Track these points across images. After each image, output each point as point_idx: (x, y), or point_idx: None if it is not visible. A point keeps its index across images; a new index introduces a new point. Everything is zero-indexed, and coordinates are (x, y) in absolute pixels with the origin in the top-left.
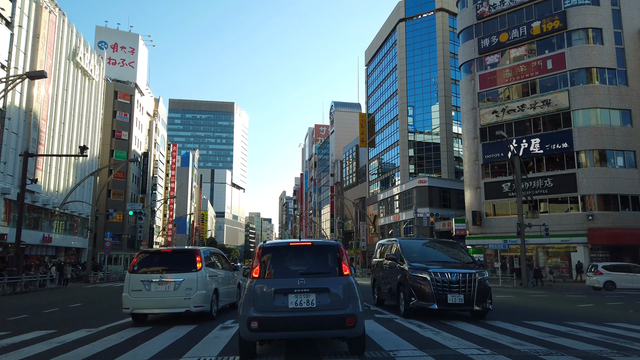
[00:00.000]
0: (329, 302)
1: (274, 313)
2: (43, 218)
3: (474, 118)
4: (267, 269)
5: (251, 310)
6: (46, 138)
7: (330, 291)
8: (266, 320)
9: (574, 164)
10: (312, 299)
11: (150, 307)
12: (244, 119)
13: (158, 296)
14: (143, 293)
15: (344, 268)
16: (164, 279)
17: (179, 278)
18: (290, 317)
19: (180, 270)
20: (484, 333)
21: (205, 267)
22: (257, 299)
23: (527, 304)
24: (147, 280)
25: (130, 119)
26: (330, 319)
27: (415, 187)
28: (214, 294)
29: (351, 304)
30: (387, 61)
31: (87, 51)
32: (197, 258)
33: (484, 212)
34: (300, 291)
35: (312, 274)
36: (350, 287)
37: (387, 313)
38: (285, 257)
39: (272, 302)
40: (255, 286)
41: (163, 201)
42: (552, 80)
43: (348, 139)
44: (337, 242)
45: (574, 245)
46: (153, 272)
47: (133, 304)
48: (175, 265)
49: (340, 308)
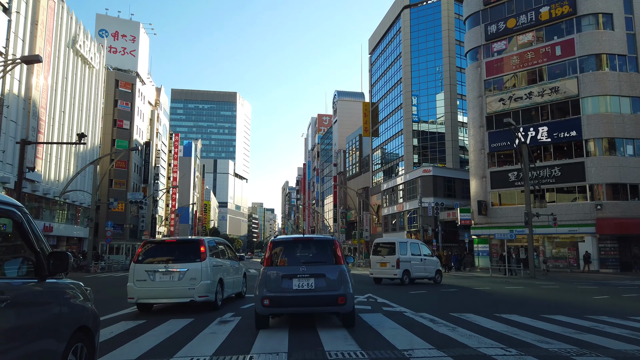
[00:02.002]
0: (325, 285)
1: (281, 293)
2: (44, 207)
3: (480, 106)
4: (276, 258)
5: (264, 291)
6: (46, 126)
7: (326, 276)
8: (275, 299)
9: (583, 152)
10: (311, 282)
11: (154, 297)
12: (247, 109)
13: (163, 286)
14: (148, 283)
15: (337, 258)
16: (168, 269)
17: (183, 268)
18: (294, 296)
19: (185, 260)
20: (502, 328)
21: (210, 257)
22: (268, 282)
23: (540, 295)
24: (151, 270)
25: (132, 108)
26: (325, 298)
27: (420, 176)
28: (219, 283)
29: (343, 286)
30: (391, 49)
31: (87, 39)
32: (201, 248)
33: (490, 201)
34: (302, 276)
35: (311, 263)
36: (342, 274)
37: (396, 306)
38: (291, 249)
39: (280, 285)
40: (267, 272)
41: (165, 191)
42: (561, 67)
43: (351, 129)
44: (332, 237)
45: (581, 235)
46: (158, 262)
47: (138, 294)
48: (179, 255)
49: (334, 290)
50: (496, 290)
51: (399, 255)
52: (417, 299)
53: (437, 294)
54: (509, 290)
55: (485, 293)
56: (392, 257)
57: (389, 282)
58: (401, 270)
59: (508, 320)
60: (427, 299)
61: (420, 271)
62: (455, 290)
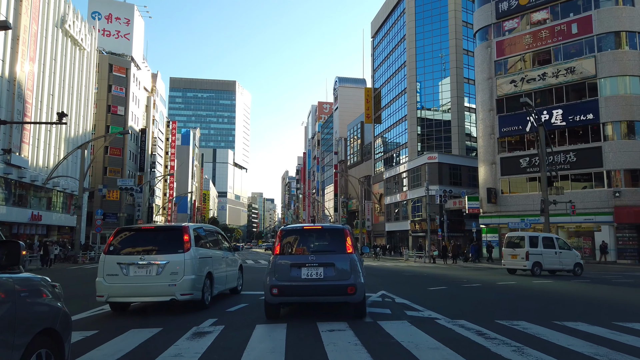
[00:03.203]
0: (334, 274)
1: (290, 282)
2: (32, 195)
3: (490, 88)
4: (286, 247)
5: (273, 280)
6: (33, 110)
7: (335, 265)
8: (284, 287)
9: (600, 136)
10: (320, 272)
11: (128, 294)
12: (246, 97)
13: (138, 282)
14: (120, 278)
15: (348, 247)
16: (144, 262)
17: (162, 260)
18: (303, 286)
19: (165, 251)
20: (585, 348)
21: (196, 248)
22: (277, 271)
23: (581, 292)
24: (125, 263)
25: (127, 94)
26: (334, 288)
27: (425, 163)
28: (207, 278)
29: (353, 275)
30: (394, 31)
31: (77, 19)
32: (185, 237)
33: (500, 189)
34: (311, 265)
35: (321, 252)
36: (353, 263)
37: (421, 309)
38: (301, 238)
39: (289, 274)
40: (276, 260)
41: (162, 179)
42: (577, 46)
43: (352, 116)
44: (344, 226)
45: (598, 224)
46: (132, 254)
47: (108, 291)
48: (158, 245)
49: (343, 279)
50: (526, 285)
51: (528, 248)
52: (443, 299)
53: (461, 290)
54: (539, 285)
55: (516, 289)
56: (521, 249)
57: (521, 272)
58: (531, 262)
59: (578, 331)
60: (452, 298)
61: (555, 263)
62: (479, 285)
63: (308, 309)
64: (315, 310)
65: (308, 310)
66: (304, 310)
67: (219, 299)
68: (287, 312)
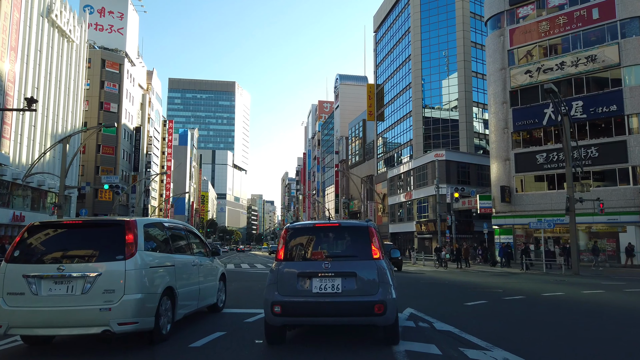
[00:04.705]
0: (356, 287)
1: (297, 297)
2: (14, 194)
3: (503, 80)
4: (292, 251)
5: (274, 294)
6: (15, 104)
7: (358, 275)
8: (289, 305)
9: (625, 129)
10: (337, 284)
11: (39, 324)
12: (246, 98)
13: (54, 305)
14: (27, 299)
15: (374, 251)
16: (64, 274)
17: (91, 271)
18: (314, 302)
19: (97, 258)
20: None
21: (146, 252)
22: (281, 282)
23: None
24: (35, 276)
25: (120, 90)
26: (356, 306)
27: (431, 161)
28: (166, 296)
29: (381, 289)
30: (398, 24)
31: (64, 9)
32: (127, 236)
33: (514, 187)
34: (324, 275)
35: (338, 257)
36: (381, 271)
37: (485, 345)
38: (311, 238)
39: (295, 286)
40: (279, 268)
41: (158, 179)
42: (599, 32)
43: (354, 114)
44: (367, 222)
45: (622, 225)
46: (47, 262)
47: (9, 319)
48: (87, 248)
49: (368, 294)
50: (581, 298)
51: None
52: (499, 322)
53: (508, 306)
54: (594, 297)
55: (571, 305)
56: None
57: None
58: None
59: None
60: (503, 318)
61: None
62: (522, 297)
63: (325, 332)
64: (330, 337)
65: (322, 335)
66: (318, 334)
67: (187, 323)
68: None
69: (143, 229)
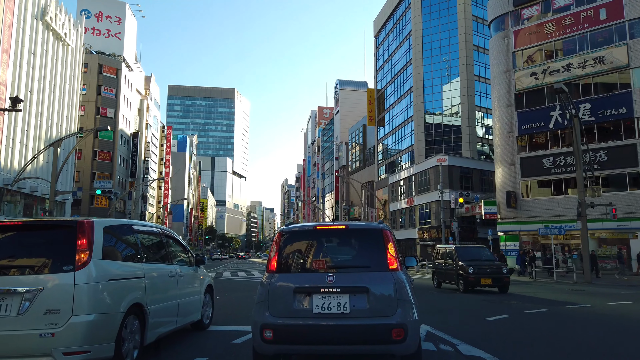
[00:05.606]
0: (368, 306)
1: (293, 319)
2: (4, 200)
3: (508, 82)
4: (288, 259)
5: (265, 315)
6: (6, 107)
7: (370, 291)
8: (283, 329)
9: (634, 133)
10: (344, 302)
11: None
12: (245, 105)
13: None
14: None
15: (391, 260)
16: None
17: (31, 285)
18: (314, 326)
19: (38, 269)
20: None
21: (105, 261)
22: (273, 300)
23: None
24: None
25: (117, 96)
26: (369, 330)
27: (433, 166)
28: (133, 315)
29: (400, 308)
30: (399, 28)
31: (59, 12)
32: (80, 240)
33: (520, 192)
34: (328, 291)
35: (345, 268)
36: (399, 286)
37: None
38: (312, 244)
39: (291, 305)
40: (271, 282)
41: (156, 186)
42: (606, 33)
43: (354, 120)
44: (381, 224)
45: (633, 231)
46: None
47: None
48: (27, 256)
49: (384, 315)
50: (612, 312)
51: None
52: (527, 341)
53: (536, 322)
54: (623, 309)
55: (601, 318)
56: None
57: None
58: None
59: None
60: (540, 338)
61: None
62: (546, 311)
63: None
64: None
65: None
66: None
67: (164, 344)
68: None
69: (102, 233)
